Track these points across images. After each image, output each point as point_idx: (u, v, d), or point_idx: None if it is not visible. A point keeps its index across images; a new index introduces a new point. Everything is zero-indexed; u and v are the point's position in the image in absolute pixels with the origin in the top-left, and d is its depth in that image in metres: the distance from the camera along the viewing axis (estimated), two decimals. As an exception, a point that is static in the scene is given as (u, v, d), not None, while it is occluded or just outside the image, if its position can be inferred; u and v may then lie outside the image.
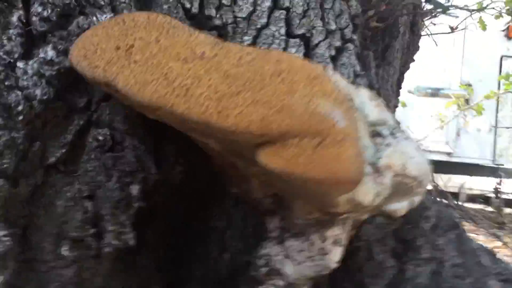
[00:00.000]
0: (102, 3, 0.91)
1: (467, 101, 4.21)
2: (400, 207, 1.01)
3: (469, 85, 4.36)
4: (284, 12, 1.07)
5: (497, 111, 4.42)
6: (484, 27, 2.38)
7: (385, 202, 0.98)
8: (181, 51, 0.71)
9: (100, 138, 0.90)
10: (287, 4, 1.08)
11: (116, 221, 0.88)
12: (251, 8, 1.04)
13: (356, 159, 0.68)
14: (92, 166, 0.89)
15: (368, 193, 0.82)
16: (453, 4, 2.11)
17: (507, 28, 4.46)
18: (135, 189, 0.91)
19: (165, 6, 0.99)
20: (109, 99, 0.92)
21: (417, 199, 1.04)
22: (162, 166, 1.00)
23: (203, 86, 0.68)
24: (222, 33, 1.03)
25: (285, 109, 0.66)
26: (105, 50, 0.74)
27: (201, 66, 0.69)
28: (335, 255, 0.96)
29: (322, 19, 1.10)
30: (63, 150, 0.87)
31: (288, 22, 1.07)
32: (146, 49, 0.71)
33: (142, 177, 0.93)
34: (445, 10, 1.15)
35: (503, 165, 4.64)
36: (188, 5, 1.01)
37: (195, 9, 1.01)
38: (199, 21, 1.02)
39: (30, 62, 0.84)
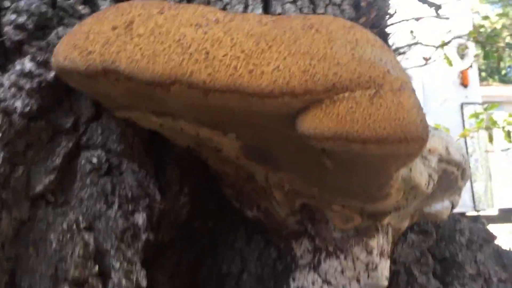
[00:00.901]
0: (83, 12, 0.80)
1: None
2: (442, 207, 0.89)
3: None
4: (277, 19, 1.00)
5: (469, 156, 4.44)
6: (450, 63, 2.41)
7: (429, 201, 0.86)
8: (192, 18, 0.60)
9: (94, 160, 0.76)
10: (279, 10, 1.01)
11: (123, 257, 0.72)
12: (243, 16, 0.97)
13: (420, 109, 0.56)
14: (88, 193, 0.74)
15: (422, 172, 0.70)
16: (418, 41, 2.12)
17: (461, 76, 4.61)
18: (140, 218, 0.76)
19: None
20: (100, 117, 0.79)
21: (457, 199, 0.93)
22: (167, 194, 0.85)
23: (226, 47, 0.57)
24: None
25: (329, 57, 0.55)
26: (99, 33, 0.62)
27: (218, 29, 0.58)
28: (385, 269, 0.81)
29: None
30: (51, 177, 0.72)
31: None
32: (150, 21, 0.60)
33: (146, 204, 0.78)
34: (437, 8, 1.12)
35: (484, 209, 4.60)
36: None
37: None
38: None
39: (6, 75, 0.71)
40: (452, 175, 0.82)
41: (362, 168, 0.63)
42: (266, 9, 1.00)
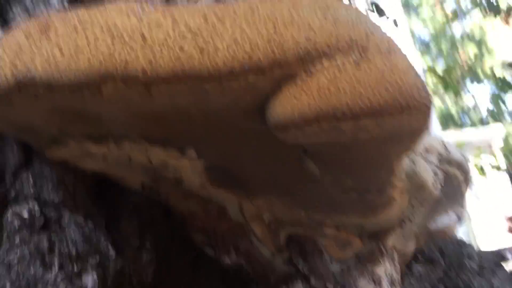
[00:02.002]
0: None
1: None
2: (449, 221, 0.77)
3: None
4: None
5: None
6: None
7: (433, 214, 0.74)
8: (124, 9, 0.48)
9: (25, 215, 0.61)
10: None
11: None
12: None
13: (417, 73, 0.45)
14: (18, 255, 0.58)
15: (427, 169, 0.58)
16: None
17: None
18: (90, 280, 0.61)
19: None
20: (31, 164, 0.65)
21: (462, 210, 0.81)
22: (124, 250, 0.70)
23: (167, 28, 0.45)
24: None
25: (297, 22, 0.44)
26: (10, 45, 0.50)
27: (157, 13, 0.47)
28: (399, 300, 0.67)
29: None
30: (-32, 241, 0.57)
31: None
32: (72, 19, 0.49)
33: (97, 262, 0.63)
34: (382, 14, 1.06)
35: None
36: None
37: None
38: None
39: None
40: (455, 179, 0.71)
41: (356, 164, 0.50)
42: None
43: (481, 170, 2.86)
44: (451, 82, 2.23)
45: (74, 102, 0.48)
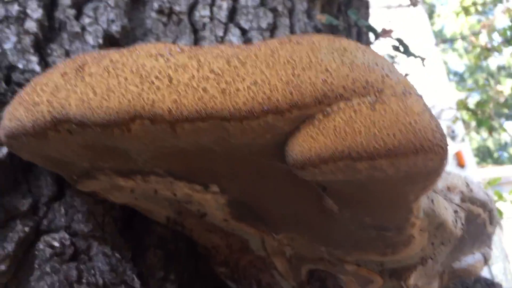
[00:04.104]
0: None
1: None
2: (474, 261, 0.76)
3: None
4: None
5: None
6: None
7: (458, 255, 0.73)
8: (152, 50, 0.52)
9: (56, 244, 0.63)
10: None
11: None
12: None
13: (432, 115, 0.46)
14: (48, 283, 0.60)
15: (447, 208, 0.58)
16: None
17: (457, 157, 4.56)
18: (116, 310, 0.62)
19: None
20: (63, 196, 0.68)
21: (489, 251, 0.80)
22: (149, 281, 0.72)
23: (192, 70, 0.48)
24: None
25: (315, 65, 0.46)
26: (47, 83, 0.54)
27: (183, 55, 0.50)
28: None
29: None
30: (2, 267, 0.59)
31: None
32: (104, 59, 0.52)
33: (123, 292, 0.65)
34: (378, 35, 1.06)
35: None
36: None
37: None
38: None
39: None
40: (479, 217, 0.70)
41: (374, 202, 0.51)
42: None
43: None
44: (484, 117, 2.21)
45: (105, 138, 0.51)
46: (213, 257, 0.73)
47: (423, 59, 1.18)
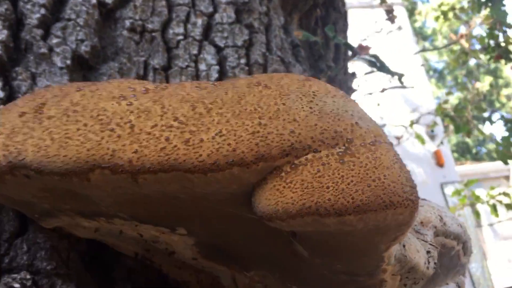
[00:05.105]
0: None
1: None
2: (449, 291, 0.75)
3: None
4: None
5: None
6: (422, 141, 2.37)
7: (433, 285, 0.72)
8: (115, 91, 0.49)
9: (16, 285, 0.61)
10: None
11: None
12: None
13: (402, 166, 0.45)
14: (7, 328, 0.58)
15: (419, 249, 0.57)
16: (385, 123, 2.09)
17: (436, 156, 4.60)
18: None
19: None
20: (25, 232, 0.65)
21: (463, 279, 0.79)
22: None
23: (155, 116, 0.46)
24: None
25: (282, 114, 0.44)
26: (5, 123, 0.51)
27: (147, 98, 0.48)
28: None
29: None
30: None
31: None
32: (64, 100, 0.49)
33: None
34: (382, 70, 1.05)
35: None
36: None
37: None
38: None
39: None
40: (453, 250, 0.70)
41: (345, 251, 0.50)
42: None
43: (494, 209, 2.80)
44: (462, 123, 2.23)
45: (64, 185, 0.48)
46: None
47: (400, 76, 1.17)
